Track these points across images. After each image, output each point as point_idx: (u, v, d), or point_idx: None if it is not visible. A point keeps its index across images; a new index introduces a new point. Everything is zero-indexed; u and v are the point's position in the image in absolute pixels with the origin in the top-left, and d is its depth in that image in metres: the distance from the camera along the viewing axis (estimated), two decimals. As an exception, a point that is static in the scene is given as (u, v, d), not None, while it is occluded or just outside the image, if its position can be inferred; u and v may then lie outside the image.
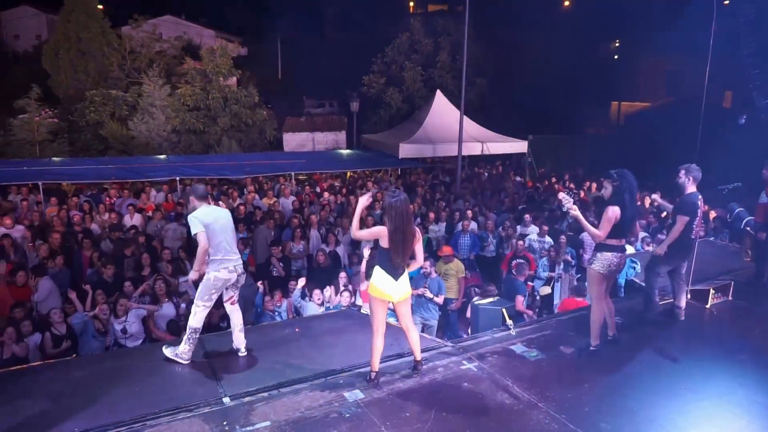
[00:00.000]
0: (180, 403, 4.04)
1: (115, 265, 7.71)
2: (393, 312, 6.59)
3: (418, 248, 4.33)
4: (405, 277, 4.25)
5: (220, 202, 10.38)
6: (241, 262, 4.76)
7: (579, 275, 10.03)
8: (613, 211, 4.65)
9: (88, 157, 16.32)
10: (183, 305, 6.69)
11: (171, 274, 7.40)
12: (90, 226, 9.81)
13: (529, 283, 8.04)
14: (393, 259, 4.12)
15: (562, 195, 4.88)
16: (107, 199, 11.87)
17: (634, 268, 7.22)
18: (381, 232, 4.14)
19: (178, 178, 12.39)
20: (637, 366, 4.70)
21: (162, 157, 15.22)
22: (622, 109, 27.08)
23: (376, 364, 4.32)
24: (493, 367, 4.68)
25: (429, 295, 7.11)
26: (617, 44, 29.06)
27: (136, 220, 10.25)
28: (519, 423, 3.85)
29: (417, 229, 4.32)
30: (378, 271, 4.19)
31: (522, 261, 7.93)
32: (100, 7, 21.06)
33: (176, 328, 6.26)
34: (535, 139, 17.23)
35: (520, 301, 7.07)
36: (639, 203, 9.63)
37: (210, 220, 4.46)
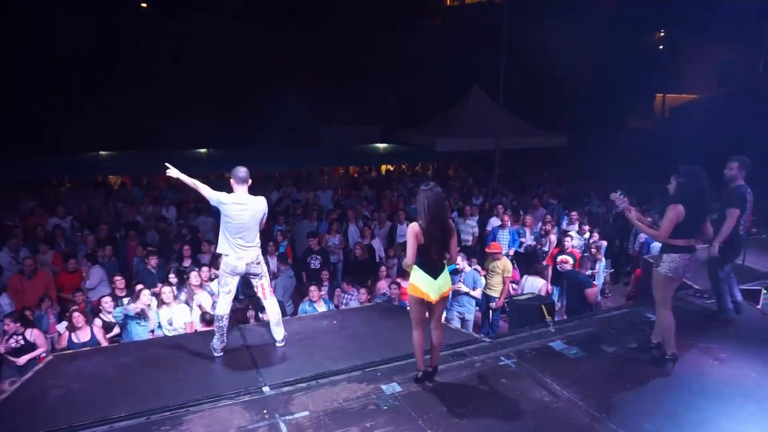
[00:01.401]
0: (221, 391, 4.14)
1: (159, 256, 7.93)
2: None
3: (453, 243, 4.12)
4: (445, 275, 4.08)
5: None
6: (255, 253, 4.68)
7: (612, 269, 9.88)
8: (675, 210, 4.32)
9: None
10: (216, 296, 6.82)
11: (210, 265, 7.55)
12: (135, 218, 10.12)
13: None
14: (429, 256, 3.97)
15: (615, 195, 4.66)
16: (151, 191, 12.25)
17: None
18: (416, 231, 3.94)
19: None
20: (682, 367, 4.53)
21: (202, 150, 15.58)
22: (666, 102, 26.16)
23: (422, 362, 4.24)
24: (531, 363, 4.61)
25: (464, 289, 7.06)
26: (662, 33, 28.04)
27: (172, 212, 10.53)
28: (558, 421, 3.78)
29: (452, 223, 4.20)
30: (415, 270, 4.04)
31: (585, 256, 7.84)
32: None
33: (210, 319, 6.39)
34: (574, 132, 16.83)
35: (594, 293, 6.95)
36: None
37: (228, 201, 4.52)
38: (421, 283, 4.01)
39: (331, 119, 20.45)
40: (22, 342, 5.82)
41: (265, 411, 3.87)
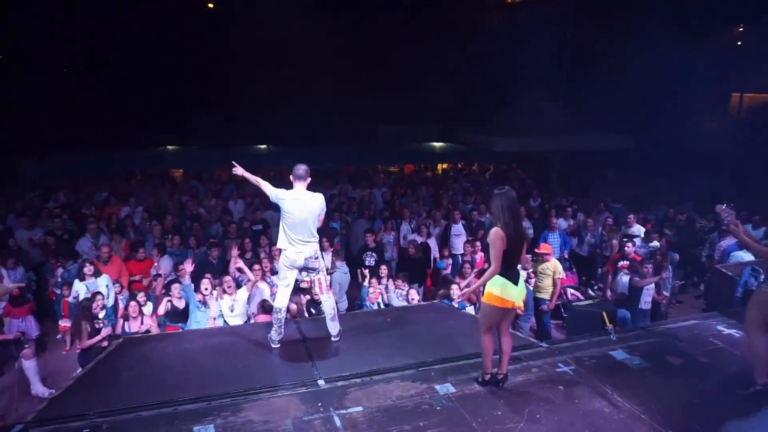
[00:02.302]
0: (278, 382, 4.26)
1: (220, 247, 8.22)
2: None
3: (524, 249, 4.08)
4: (521, 280, 4.04)
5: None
6: (314, 248, 4.76)
7: (683, 282, 9.41)
8: None
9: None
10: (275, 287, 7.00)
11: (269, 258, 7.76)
12: (198, 211, 10.53)
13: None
14: (511, 261, 3.88)
15: (720, 208, 4.38)
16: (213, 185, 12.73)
17: (756, 277, 6.55)
18: (501, 235, 3.80)
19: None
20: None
21: (262, 147, 16.03)
22: (744, 101, 24.55)
23: (489, 366, 4.15)
24: (590, 372, 4.46)
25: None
26: (741, 29, 26.29)
27: (239, 206, 10.88)
28: (619, 433, 3.65)
29: (494, 232, 3.97)
30: (497, 277, 3.89)
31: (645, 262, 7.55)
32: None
33: (269, 307, 6.56)
34: (641, 133, 16.12)
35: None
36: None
37: (287, 197, 4.63)
38: (505, 291, 3.90)
39: (388, 117, 20.51)
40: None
41: (320, 404, 3.93)
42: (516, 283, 3.94)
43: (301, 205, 4.63)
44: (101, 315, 6.24)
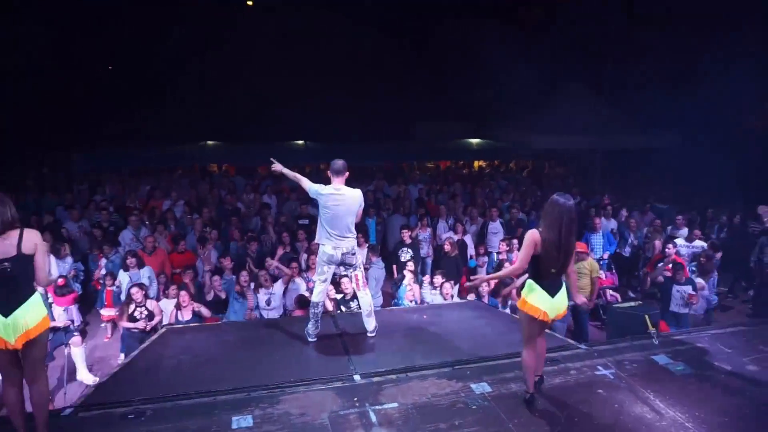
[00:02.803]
0: (314, 375, 4.30)
1: (258, 242, 8.35)
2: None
3: (572, 261, 3.81)
4: (563, 292, 3.81)
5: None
6: (351, 243, 4.79)
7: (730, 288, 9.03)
8: None
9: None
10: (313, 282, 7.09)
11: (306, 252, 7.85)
12: (236, 205, 10.73)
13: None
14: (547, 270, 3.70)
15: (765, 209, 4.21)
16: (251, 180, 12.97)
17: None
18: (535, 238, 3.66)
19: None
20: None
21: (300, 142, 16.21)
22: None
23: (531, 384, 3.91)
24: (631, 376, 4.34)
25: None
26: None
27: (273, 200, 11.04)
28: (662, 440, 3.55)
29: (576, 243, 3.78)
30: (531, 285, 3.77)
31: (685, 264, 7.31)
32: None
33: (305, 302, 6.65)
34: (687, 131, 15.55)
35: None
36: None
37: (325, 192, 4.68)
38: (537, 301, 3.74)
39: (424, 113, 20.42)
40: (146, 313, 6.42)
41: (355, 399, 3.96)
42: (553, 294, 3.75)
43: (339, 200, 4.67)
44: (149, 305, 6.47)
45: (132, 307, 6.39)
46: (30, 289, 3.28)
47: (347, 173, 4.76)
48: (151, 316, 6.43)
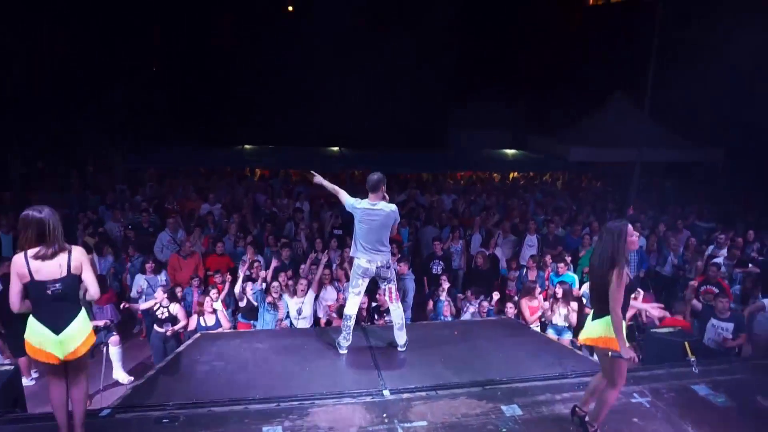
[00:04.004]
0: (344, 389, 4.33)
1: (290, 248, 8.40)
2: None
3: (611, 291, 3.49)
4: (591, 320, 3.68)
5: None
6: (386, 257, 4.82)
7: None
8: None
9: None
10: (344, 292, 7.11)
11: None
12: (272, 209, 10.86)
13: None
14: (627, 302, 3.56)
15: None
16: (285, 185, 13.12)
17: None
18: (627, 273, 3.50)
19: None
20: None
21: (335, 149, 16.33)
22: None
23: (602, 418, 3.74)
24: (669, 405, 4.21)
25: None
26: None
27: (305, 207, 11.09)
28: (700, 476, 3.42)
29: (617, 272, 3.44)
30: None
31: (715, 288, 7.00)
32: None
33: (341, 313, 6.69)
34: (733, 146, 15.01)
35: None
36: None
37: (360, 207, 4.72)
38: (625, 334, 3.53)
39: (460, 122, 20.34)
40: (167, 314, 6.57)
41: (384, 415, 3.95)
42: (592, 319, 3.71)
43: (373, 215, 4.70)
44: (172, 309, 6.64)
45: (155, 306, 6.58)
46: (78, 307, 3.43)
47: (383, 187, 4.74)
48: (173, 319, 6.58)
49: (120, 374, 6.62)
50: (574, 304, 6.96)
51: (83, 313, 3.46)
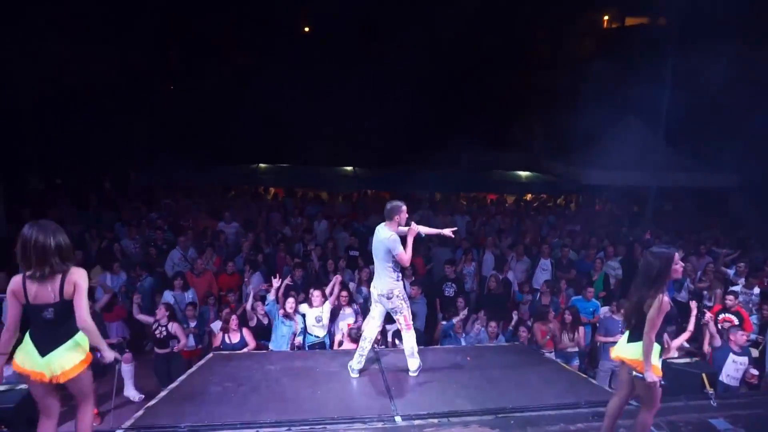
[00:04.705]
0: (356, 413, 4.30)
1: (304, 268, 8.42)
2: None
3: (649, 316, 3.49)
4: (627, 341, 3.70)
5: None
6: (385, 288, 4.74)
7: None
8: None
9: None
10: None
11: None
12: (284, 229, 10.89)
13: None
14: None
15: None
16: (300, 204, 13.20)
17: None
18: (667, 304, 3.48)
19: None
20: None
21: (349, 168, 16.45)
22: None
23: None
24: (688, 440, 4.13)
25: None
26: None
27: (323, 225, 11.13)
28: None
29: (658, 299, 3.44)
30: (656, 348, 3.58)
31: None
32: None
33: (355, 336, 6.64)
34: (748, 172, 14.88)
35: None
36: None
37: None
38: (657, 361, 3.57)
39: (473, 142, 20.40)
40: (165, 333, 6.60)
41: (396, 442, 3.93)
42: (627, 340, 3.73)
43: (374, 243, 4.76)
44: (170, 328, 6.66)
45: (154, 326, 6.60)
46: (69, 331, 3.28)
47: (396, 216, 4.68)
48: (172, 338, 6.60)
49: (131, 392, 6.63)
50: (582, 329, 7.03)
51: (77, 338, 3.29)
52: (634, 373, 3.59)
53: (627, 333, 3.76)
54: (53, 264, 3.14)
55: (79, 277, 3.23)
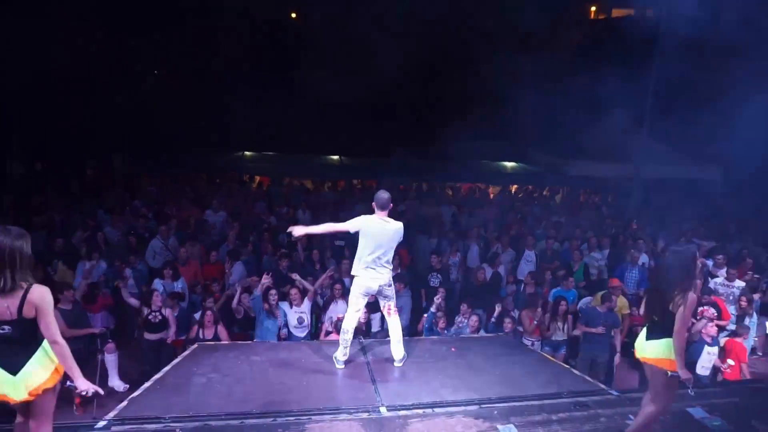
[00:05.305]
0: (341, 404, 4.32)
1: (289, 258, 8.38)
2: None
3: (678, 314, 3.53)
4: (646, 339, 3.79)
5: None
6: (388, 277, 4.88)
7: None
8: None
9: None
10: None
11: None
12: (269, 218, 10.83)
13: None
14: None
15: None
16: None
17: None
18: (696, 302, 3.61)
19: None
20: None
21: (335, 157, 16.36)
22: None
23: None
24: (665, 428, 4.20)
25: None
26: None
27: (307, 216, 11.07)
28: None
29: (689, 296, 3.50)
30: (669, 342, 3.62)
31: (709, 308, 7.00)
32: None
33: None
34: (731, 165, 15.10)
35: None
36: None
37: (364, 225, 4.74)
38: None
39: (459, 133, 20.38)
40: (159, 318, 6.57)
41: (381, 432, 3.96)
42: (646, 338, 3.82)
43: (381, 232, 4.74)
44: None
45: (146, 311, 6.57)
46: (35, 346, 3.09)
47: (391, 205, 4.84)
48: (164, 323, 6.59)
49: (116, 382, 6.59)
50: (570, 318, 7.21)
51: (42, 350, 3.10)
52: (669, 373, 3.61)
53: (644, 330, 3.83)
54: (13, 278, 2.94)
55: (41, 298, 3.00)
